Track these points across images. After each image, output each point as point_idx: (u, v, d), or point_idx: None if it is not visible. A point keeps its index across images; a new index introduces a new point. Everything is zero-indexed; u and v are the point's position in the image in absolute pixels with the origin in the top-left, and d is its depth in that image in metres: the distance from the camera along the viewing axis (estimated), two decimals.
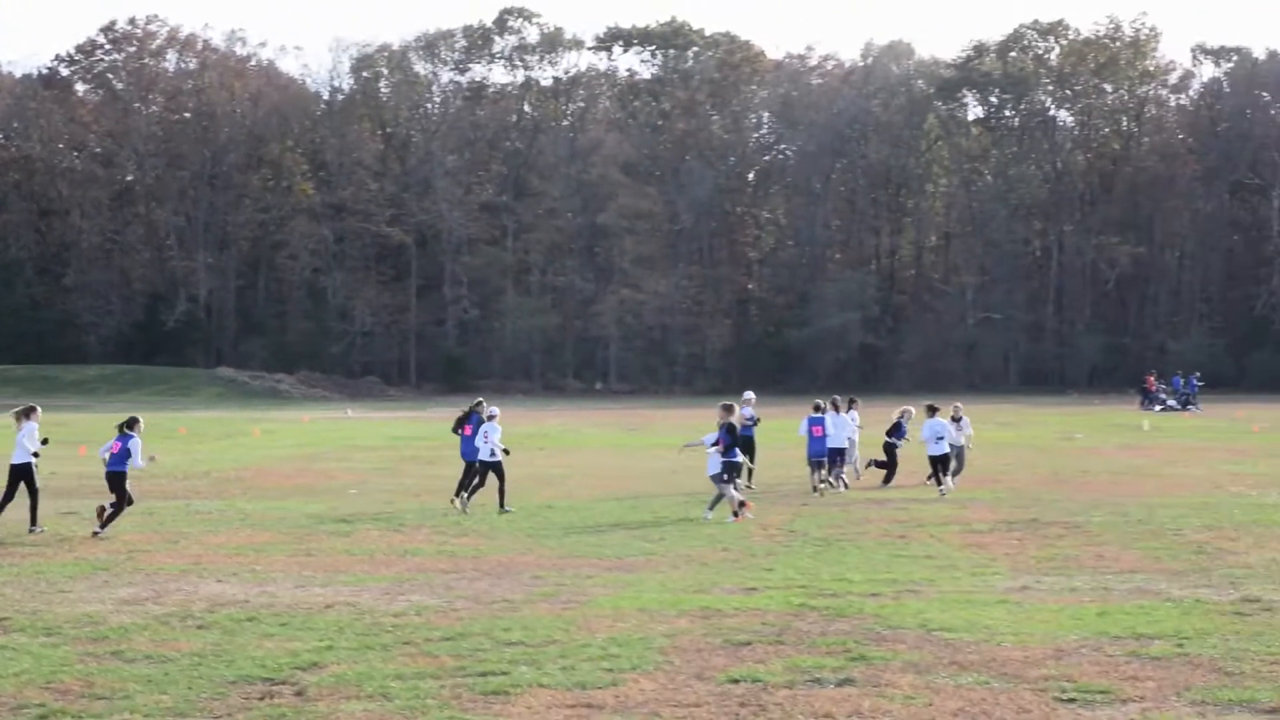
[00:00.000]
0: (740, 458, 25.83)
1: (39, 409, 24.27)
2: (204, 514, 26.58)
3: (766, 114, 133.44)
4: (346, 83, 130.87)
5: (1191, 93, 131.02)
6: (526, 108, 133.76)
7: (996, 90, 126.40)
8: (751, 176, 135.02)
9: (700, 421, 31.95)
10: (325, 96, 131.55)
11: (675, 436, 51.51)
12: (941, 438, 30.24)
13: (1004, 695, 11.71)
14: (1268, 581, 17.50)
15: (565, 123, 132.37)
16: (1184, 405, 79.44)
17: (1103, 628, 14.47)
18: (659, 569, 19.21)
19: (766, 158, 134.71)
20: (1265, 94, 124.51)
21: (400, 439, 53.01)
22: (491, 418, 27.60)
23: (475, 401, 29.37)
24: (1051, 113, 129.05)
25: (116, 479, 23.59)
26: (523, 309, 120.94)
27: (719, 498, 25.26)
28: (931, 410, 31.05)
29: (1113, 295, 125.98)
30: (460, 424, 28.72)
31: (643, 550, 21.14)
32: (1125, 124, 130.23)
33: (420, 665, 12.97)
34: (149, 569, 19.39)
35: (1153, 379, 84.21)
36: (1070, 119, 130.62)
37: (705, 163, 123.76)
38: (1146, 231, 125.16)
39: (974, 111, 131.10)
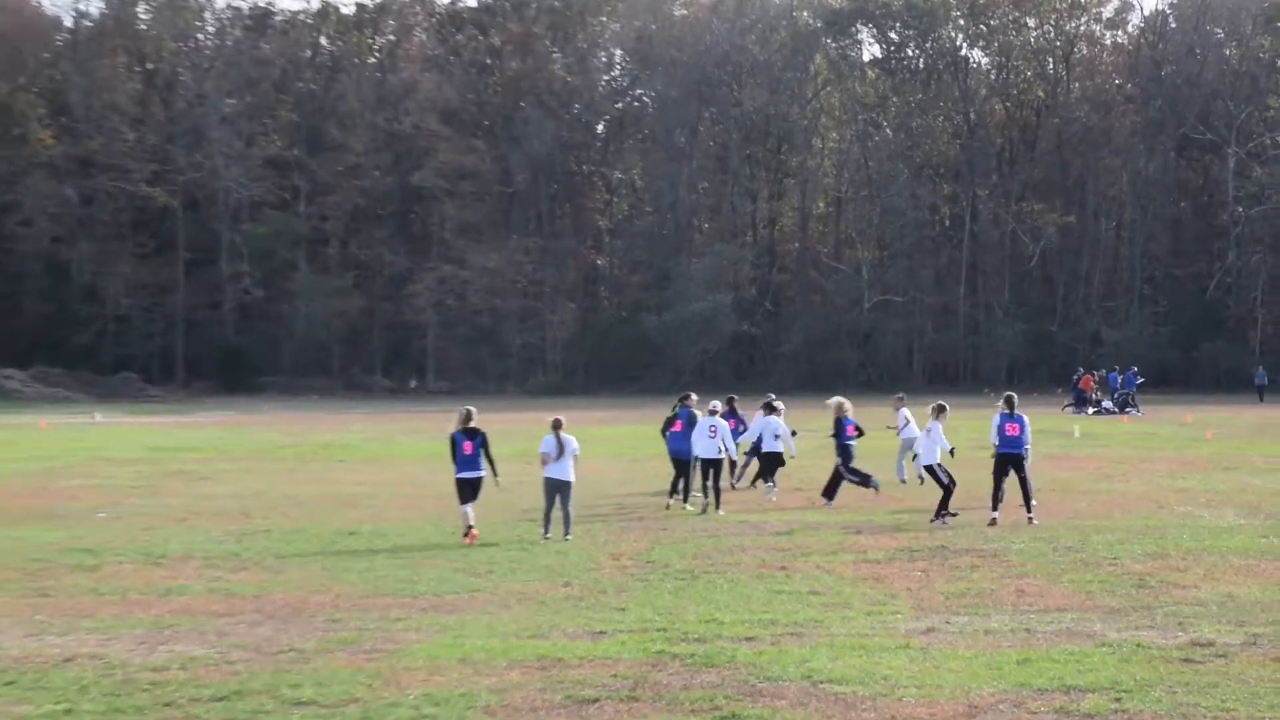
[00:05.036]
0: None
1: None
2: None
3: (619, 52, 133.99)
4: (95, 7, 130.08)
5: (1130, 29, 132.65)
6: (323, 41, 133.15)
7: (897, 25, 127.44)
8: (601, 128, 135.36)
9: (540, 426, 31.73)
10: (69, 24, 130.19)
11: (510, 445, 51.50)
12: (778, 435, 33.80)
13: None
14: (1221, 621, 17.78)
15: (371, 60, 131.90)
16: (1121, 407, 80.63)
17: (1025, 679, 14.63)
18: (486, 609, 19.21)
19: (619, 105, 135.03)
20: (1219, 30, 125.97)
21: (163, 450, 52.44)
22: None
23: (683, 395, 33.18)
24: (963, 53, 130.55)
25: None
26: (319, 289, 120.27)
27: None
28: (770, 409, 34.55)
29: (1036, 274, 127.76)
30: (669, 423, 32.61)
31: (466, 586, 21.13)
32: (1051, 67, 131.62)
33: None
34: None
35: (1090, 379, 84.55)
36: (986, 60, 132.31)
37: (544, 111, 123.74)
38: (1077, 197, 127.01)
39: (870, 51, 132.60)
